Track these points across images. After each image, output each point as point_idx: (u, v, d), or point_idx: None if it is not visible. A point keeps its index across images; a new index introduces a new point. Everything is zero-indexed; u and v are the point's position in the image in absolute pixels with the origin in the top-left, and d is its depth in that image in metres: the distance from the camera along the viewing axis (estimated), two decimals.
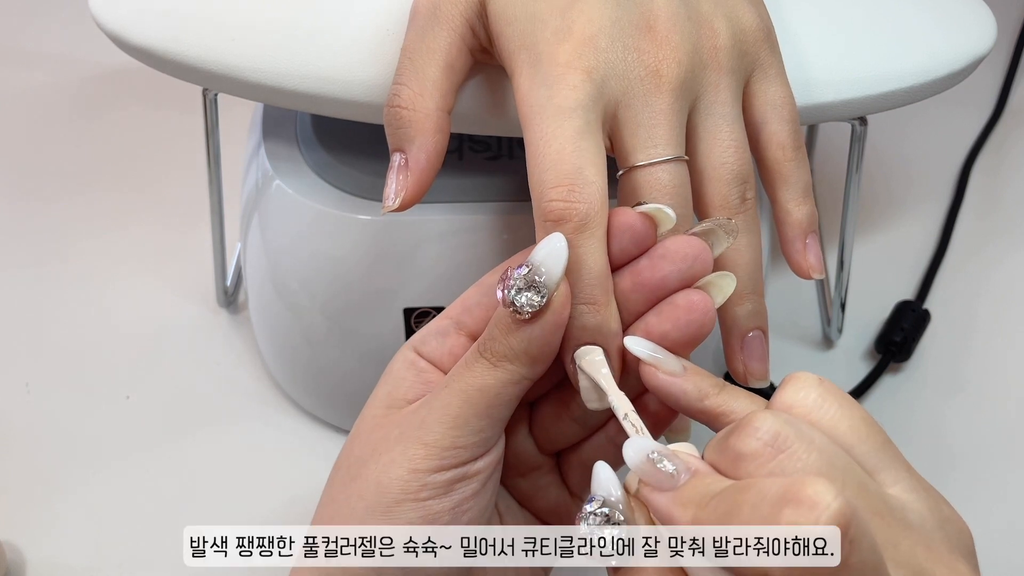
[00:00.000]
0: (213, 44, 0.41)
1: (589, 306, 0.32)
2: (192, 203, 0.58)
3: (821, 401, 0.29)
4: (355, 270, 0.46)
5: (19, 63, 0.71)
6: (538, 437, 0.36)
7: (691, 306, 0.32)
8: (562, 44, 0.34)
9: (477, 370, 0.32)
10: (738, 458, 0.27)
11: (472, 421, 0.32)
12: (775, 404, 0.29)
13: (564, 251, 0.31)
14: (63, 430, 0.52)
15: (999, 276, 0.60)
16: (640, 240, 0.33)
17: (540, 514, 0.37)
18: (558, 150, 0.32)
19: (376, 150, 0.45)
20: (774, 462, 0.27)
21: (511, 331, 0.32)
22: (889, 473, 0.29)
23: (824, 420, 0.29)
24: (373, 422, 0.34)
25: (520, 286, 0.31)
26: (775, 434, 0.27)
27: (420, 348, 0.35)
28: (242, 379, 0.55)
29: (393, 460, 0.32)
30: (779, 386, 0.30)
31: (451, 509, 0.32)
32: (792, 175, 0.37)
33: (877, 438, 0.29)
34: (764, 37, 0.37)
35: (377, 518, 0.32)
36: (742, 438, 0.27)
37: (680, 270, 0.32)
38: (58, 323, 0.57)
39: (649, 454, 0.29)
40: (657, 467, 0.28)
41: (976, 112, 0.68)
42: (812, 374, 0.30)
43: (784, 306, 0.57)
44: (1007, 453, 0.52)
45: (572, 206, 0.32)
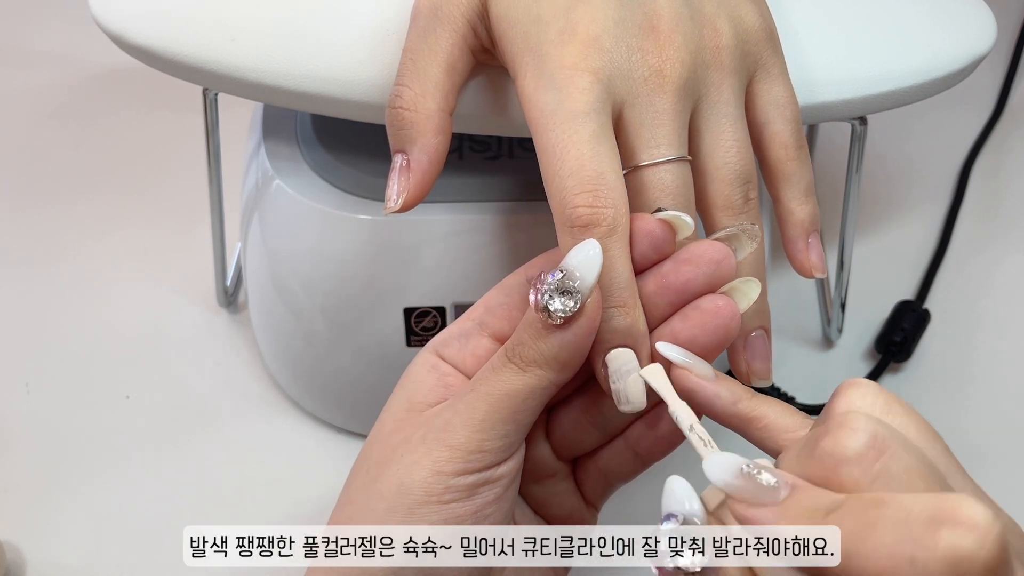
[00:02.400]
0: (213, 44, 0.41)
1: (619, 308, 0.32)
2: (192, 203, 0.58)
3: (888, 407, 0.28)
4: (355, 270, 0.46)
5: (19, 63, 0.71)
6: (555, 443, 0.36)
7: (717, 311, 0.32)
8: (567, 45, 0.34)
9: (505, 375, 0.32)
10: (839, 462, 0.26)
11: (498, 425, 0.32)
12: (837, 408, 0.28)
13: (599, 258, 0.31)
14: (63, 430, 0.52)
15: (999, 276, 0.60)
16: (659, 246, 0.33)
17: (554, 521, 0.37)
18: (577, 156, 0.32)
19: (376, 150, 0.45)
20: (879, 464, 0.25)
21: (542, 336, 0.31)
22: (955, 479, 0.28)
23: (895, 426, 0.27)
24: (393, 425, 0.34)
25: (553, 292, 0.31)
26: (874, 434, 0.26)
27: (441, 351, 0.35)
28: (242, 379, 0.55)
29: (416, 462, 0.32)
30: (837, 392, 0.29)
31: (473, 513, 0.32)
32: (795, 174, 0.37)
33: (940, 444, 0.28)
34: (767, 37, 0.37)
35: (398, 519, 0.32)
36: (841, 440, 0.26)
37: (705, 274, 0.32)
38: (58, 323, 0.57)
39: (743, 467, 0.27)
40: (757, 481, 0.27)
41: (976, 112, 0.68)
42: (868, 380, 0.29)
43: (784, 306, 0.57)
44: (1007, 453, 0.52)
45: (599, 211, 0.32)
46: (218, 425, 0.53)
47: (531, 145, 0.47)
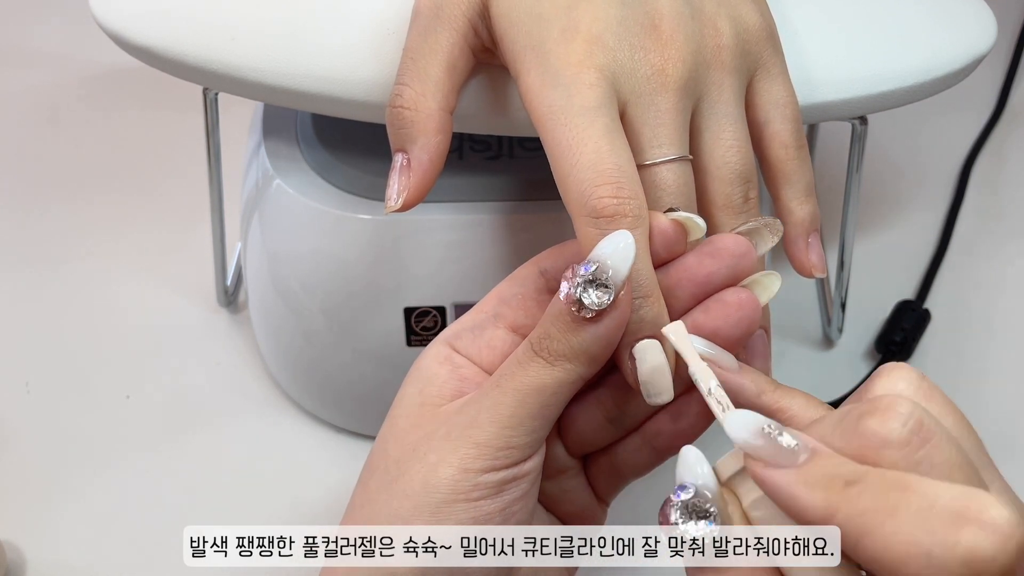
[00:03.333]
0: (213, 44, 0.41)
1: (646, 299, 0.32)
2: (192, 203, 0.58)
3: (929, 394, 0.27)
4: (355, 269, 0.46)
5: (19, 63, 0.71)
6: (567, 439, 0.36)
7: (740, 303, 0.32)
8: (570, 43, 0.34)
9: (533, 369, 0.32)
10: (881, 444, 0.25)
11: (527, 421, 0.32)
12: (876, 390, 0.28)
13: (632, 248, 0.31)
14: (63, 430, 0.52)
15: (999, 276, 0.60)
16: (671, 246, 0.33)
17: (565, 518, 0.37)
18: (595, 149, 0.32)
19: (377, 149, 0.45)
20: (922, 451, 0.25)
21: (572, 330, 0.31)
22: (987, 473, 0.27)
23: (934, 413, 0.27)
24: (407, 421, 0.34)
25: (587, 284, 0.31)
26: (919, 421, 0.25)
27: (454, 343, 0.35)
28: (242, 379, 0.55)
29: (442, 459, 0.32)
30: (879, 373, 0.28)
31: (501, 510, 0.32)
32: (795, 174, 0.37)
33: (975, 437, 0.28)
34: (767, 36, 0.37)
35: (425, 518, 0.31)
36: (886, 422, 0.25)
37: (727, 267, 0.32)
38: (58, 323, 0.57)
39: (765, 427, 0.27)
40: (777, 441, 0.26)
41: (976, 112, 0.68)
42: (910, 366, 0.28)
43: (784, 306, 0.57)
44: (1007, 452, 0.52)
45: (625, 202, 0.32)
46: (218, 425, 0.53)
47: (532, 145, 0.48)
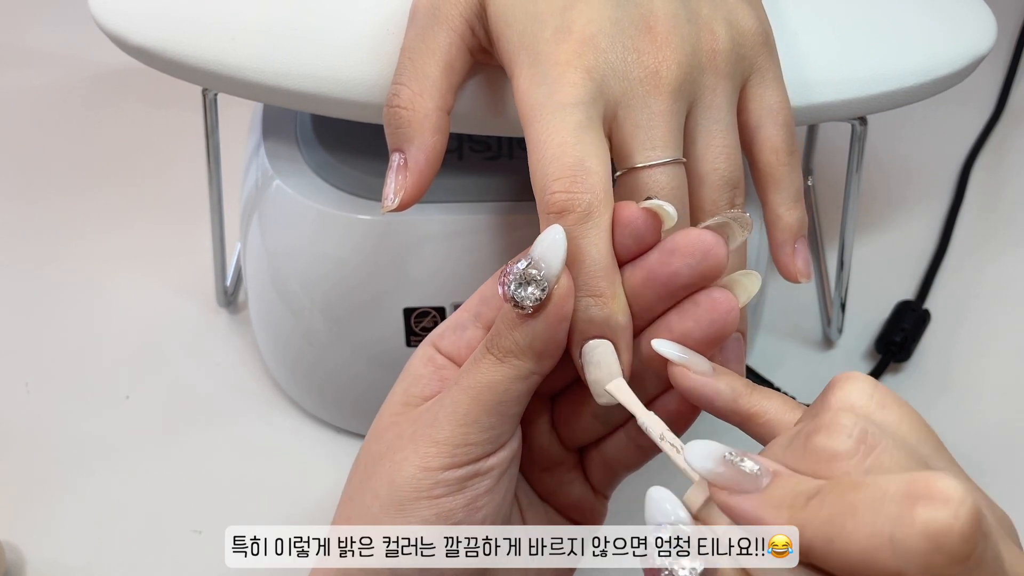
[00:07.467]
0: (213, 44, 0.41)
1: (595, 298, 0.32)
2: (192, 203, 0.58)
3: (882, 401, 0.28)
4: (355, 270, 0.46)
5: (19, 63, 0.71)
6: (560, 432, 0.36)
7: (714, 304, 0.32)
8: (562, 44, 0.34)
9: (484, 366, 0.32)
10: (831, 457, 0.26)
11: (482, 418, 0.32)
12: (834, 403, 0.28)
13: (563, 243, 0.31)
14: (63, 430, 0.52)
15: (999, 276, 0.60)
16: (641, 236, 0.32)
17: (563, 510, 0.37)
18: (559, 143, 0.32)
19: (376, 150, 0.45)
20: (870, 459, 0.26)
21: (515, 326, 0.31)
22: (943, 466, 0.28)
23: (888, 420, 0.28)
24: (388, 420, 0.34)
25: (520, 280, 0.31)
26: (864, 431, 0.26)
27: (438, 343, 0.35)
28: (242, 379, 0.55)
29: (405, 458, 0.32)
30: (831, 385, 0.29)
31: (465, 506, 0.32)
32: (784, 179, 0.37)
33: (934, 439, 0.28)
34: (763, 41, 0.37)
35: (392, 516, 0.32)
36: (831, 437, 0.26)
37: (690, 264, 0.32)
38: (58, 323, 0.57)
39: (726, 455, 0.27)
40: (739, 468, 0.27)
41: (976, 112, 0.68)
42: (864, 374, 0.29)
43: (784, 306, 0.57)
44: (1007, 453, 0.52)
45: (575, 196, 0.32)
46: (218, 425, 0.53)
47: None
